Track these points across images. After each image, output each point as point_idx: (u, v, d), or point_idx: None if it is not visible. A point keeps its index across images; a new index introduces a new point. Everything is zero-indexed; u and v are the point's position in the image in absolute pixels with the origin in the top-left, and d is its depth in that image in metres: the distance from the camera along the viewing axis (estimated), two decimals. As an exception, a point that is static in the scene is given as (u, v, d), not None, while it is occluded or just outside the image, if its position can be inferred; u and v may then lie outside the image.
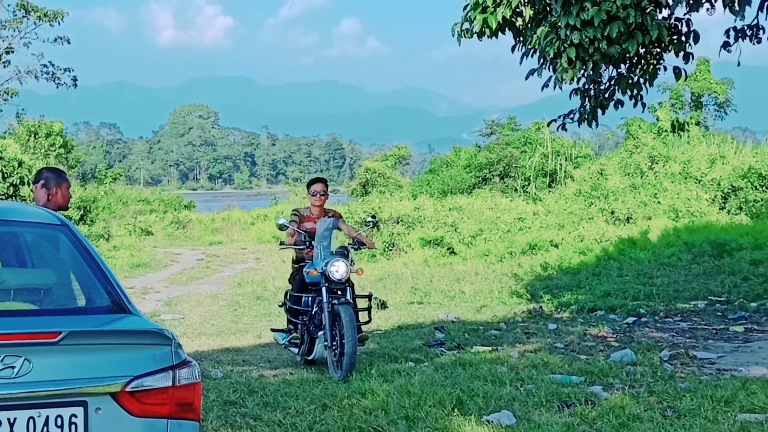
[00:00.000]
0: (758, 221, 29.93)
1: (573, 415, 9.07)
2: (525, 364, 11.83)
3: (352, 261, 11.31)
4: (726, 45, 13.88)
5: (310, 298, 11.78)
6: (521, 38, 13.57)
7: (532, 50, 13.07)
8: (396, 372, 11.46)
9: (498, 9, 13.00)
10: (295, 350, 12.19)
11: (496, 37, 13.57)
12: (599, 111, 14.10)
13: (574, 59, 11.98)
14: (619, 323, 15.85)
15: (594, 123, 14.39)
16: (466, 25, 13.57)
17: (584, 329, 15.05)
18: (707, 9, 13.07)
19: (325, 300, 11.08)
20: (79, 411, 4.25)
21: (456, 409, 9.22)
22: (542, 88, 13.28)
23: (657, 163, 35.99)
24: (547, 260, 25.64)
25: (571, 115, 14.28)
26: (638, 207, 32.74)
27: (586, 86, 13.90)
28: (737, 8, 12.42)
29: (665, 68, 13.90)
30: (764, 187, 33.86)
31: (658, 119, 43.84)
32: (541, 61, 12.93)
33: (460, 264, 27.79)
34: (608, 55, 12.05)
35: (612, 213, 32.75)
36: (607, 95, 14.05)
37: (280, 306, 13.69)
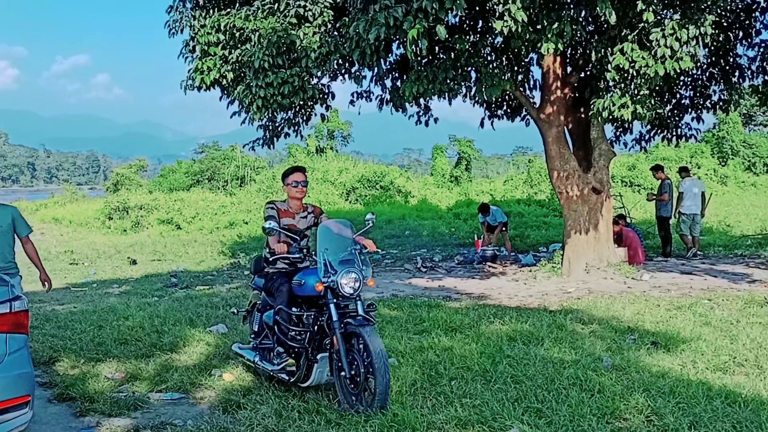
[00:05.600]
0: (367, 207, 31.61)
1: (263, 324, 9.33)
2: (232, 296, 11.95)
3: (362, 269, 6.12)
4: (352, 102, 14.57)
5: (310, 316, 6.25)
6: (227, 92, 13.58)
7: (234, 100, 13.12)
8: (146, 304, 11.26)
9: (211, 72, 12.96)
10: (285, 377, 6.30)
11: (210, 90, 13.52)
12: (275, 139, 14.36)
13: (261, 107, 12.16)
14: (287, 269, 16.23)
15: (272, 146, 14.65)
16: (190, 81, 13.42)
17: (266, 273, 15.32)
18: (341, 80, 13.63)
19: (335, 319, 5.93)
20: None
21: (189, 325, 9.23)
22: (241, 124, 13.35)
23: (308, 172, 36.72)
24: (241, 232, 25.73)
25: (258, 141, 14.42)
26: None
27: (268, 124, 14.14)
28: (358, 80, 13.10)
29: (316, 114, 14.38)
30: (370, 187, 35.61)
31: (308, 145, 44.86)
32: (240, 107, 13.01)
33: (185, 235, 27.29)
34: (282, 105, 12.34)
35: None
36: (280, 129, 14.33)
37: (234, 314, 8.24)
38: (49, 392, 6.55)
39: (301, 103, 13.00)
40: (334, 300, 5.98)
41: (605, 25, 11.10)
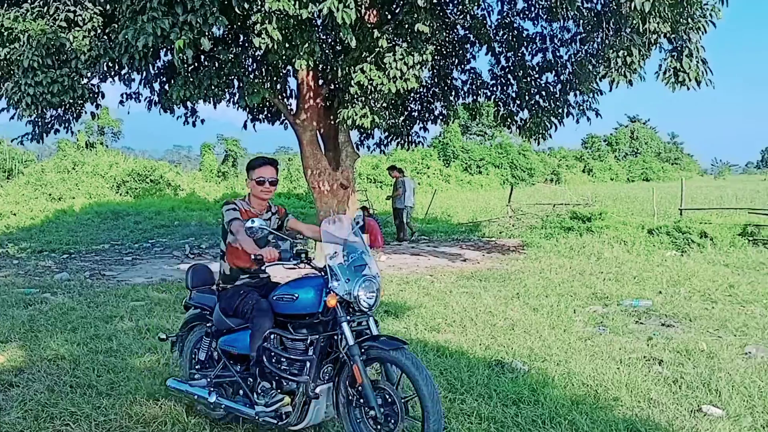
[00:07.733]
0: (137, 200, 30.19)
1: (34, 309, 8.76)
2: (1, 284, 10.96)
3: (376, 276, 4.28)
4: (122, 102, 13.92)
5: (312, 340, 4.21)
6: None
7: (2, 96, 11.99)
8: None
9: (-23, 69, 11.77)
10: (272, 420, 4.25)
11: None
12: (44, 135, 13.31)
13: (30, 104, 11.25)
14: (58, 258, 15.12)
15: (41, 141, 13.58)
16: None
17: (37, 262, 14.15)
18: (110, 81, 12.92)
19: (352, 343, 4.05)
20: None
21: (-45, 314, 8.42)
22: (10, 119, 12.21)
23: (78, 166, 34.31)
24: (9, 224, 23.34)
25: (27, 136, 13.30)
26: (67, 191, 31.07)
27: (37, 120, 13.07)
28: (128, 82, 12.57)
29: (86, 112, 13.44)
30: (140, 181, 34.06)
31: (78, 140, 41.59)
32: (8, 104, 11.89)
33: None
34: (52, 103, 11.49)
35: (50, 195, 30.65)
36: (49, 126, 13.30)
37: (162, 340, 5.38)
38: None
39: (71, 101, 12.16)
40: (347, 317, 4.14)
41: (349, 48, 11.69)
